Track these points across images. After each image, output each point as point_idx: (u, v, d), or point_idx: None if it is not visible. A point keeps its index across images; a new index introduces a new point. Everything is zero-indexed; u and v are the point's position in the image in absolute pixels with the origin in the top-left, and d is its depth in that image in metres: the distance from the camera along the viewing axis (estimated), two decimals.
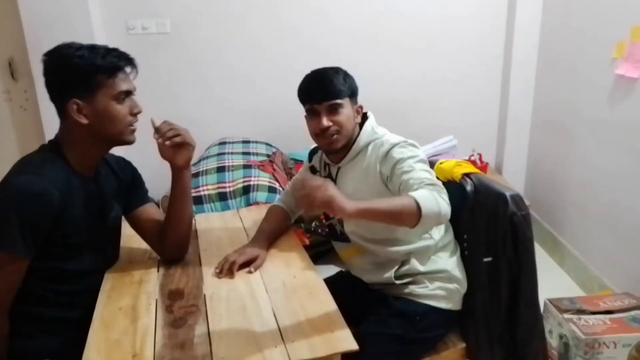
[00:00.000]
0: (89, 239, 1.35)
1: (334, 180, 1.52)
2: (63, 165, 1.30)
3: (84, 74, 1.26)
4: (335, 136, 1.44)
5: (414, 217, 1.18)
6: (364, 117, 1.53)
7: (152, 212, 1.54)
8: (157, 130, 1.37)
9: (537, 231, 1.50)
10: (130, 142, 1.39)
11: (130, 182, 1.51)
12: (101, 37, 2.60)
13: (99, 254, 1.41)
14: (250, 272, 1.41)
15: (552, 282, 2.51)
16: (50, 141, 1.36)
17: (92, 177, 1.38)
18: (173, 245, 1.47)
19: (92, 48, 1.30)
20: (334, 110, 1.43)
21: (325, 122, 1.42)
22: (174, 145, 1.36)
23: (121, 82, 1.30)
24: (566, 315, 1.96)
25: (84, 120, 1.28)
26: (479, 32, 3.00)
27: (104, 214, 1.41)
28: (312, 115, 1.46)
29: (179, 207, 1.45)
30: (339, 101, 1.42)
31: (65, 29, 2.49)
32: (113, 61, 1.29)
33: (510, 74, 3.00)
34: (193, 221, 1.61)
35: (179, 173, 1.42)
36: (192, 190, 2.41)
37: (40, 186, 1.22)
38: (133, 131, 1.36)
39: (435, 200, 1.21)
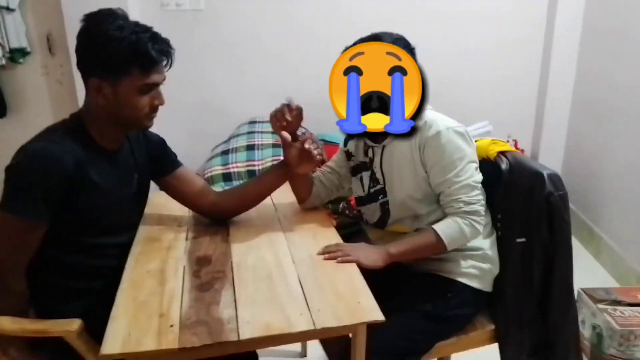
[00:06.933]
0: (110, 213, 1.35)
1: (380, 162, 1.47)
2: (83, 137, 1.29)
3: (117, 58, 1.20)
4: None
5: (439, 250, 1.37)
6: None
7: (188, 174, 1.53)
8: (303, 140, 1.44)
9: (572, 221, 1.45)
10: (145, 129, 1.38)
11: (151, 154, 1.48)
12: (135, 12, 2.62)
13: (121, 228, 1.41)
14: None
15: (587, 274, 2.43)
16: (74, 113, 1.35)
17: (115, 151, 1.36)
18: (233, 210, 1.54)
19: (136, 31, 1.21)
20: None
21: None
22: (304, 155, 1.43)
23: (152, 75, 1.25)
24: (600, 306, 1.90)
25: (101, 101, 1.25)
26: (517, 5, 2.89)
27: (123, 189, 1.40)
28: None
29: (265, 190, 1.54)
30: None
31: (102, 4, 2.52)
32: (153, 55, 1.23)
33: (550, 52, 2.89)
34: None
35: (291, 173, 1.50)
36: (221, 167, 2.45)
37: (53, 151, 1.21)
38: (150, 119, 1.33)
39: (460, 232, 1.35)
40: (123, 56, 1.21)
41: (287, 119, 1.43)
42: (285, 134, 1.43)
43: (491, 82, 3.00)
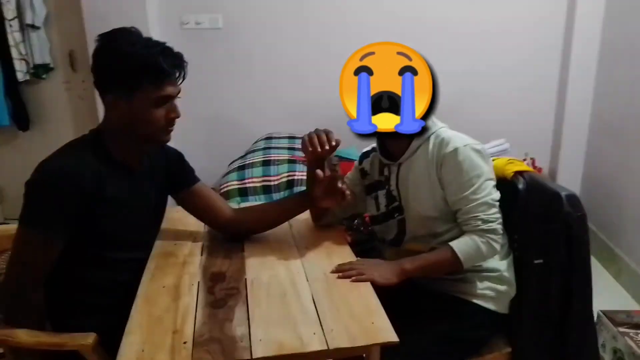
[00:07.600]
0: (127, 228, 1.36)
1: (396, 180, 1.46)
2: (101, 153, 1.30)
3: (130, 73, 1.22)
4: None
5: (455, 267, 1.35)
6: None
7: (205, 189, 1.54)
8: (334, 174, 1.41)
9: (592, 242, 1.43)
10: (163, 143, 1.38)
11: (169, 168, 1.49)
12: (156, 31, 2.68)
13: (138, 243, 1.42)
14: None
15: (607, 296, 2.37)
16: (93, 129, 1.36)
17: (134, 167, 1.37)
18: (248, 229, 1.54)
19: (147, 46, 1.24)
20: None
21: None
22: (331, 189, 1.40)
23: (166, 87, 1.26)
24: (621, 329, 1.85)
25: (118, 117, 1.27)
26: (535, 22, 2.89)
27: (141, 205, 1.41)
28: None
29: (283, 216, 1.56)
30: None
31: (123, 23, 2.57)
32: (164, 67, 1.23)
33: (568, 69, 2.87)
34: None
35: (312, 207, 1.54)
36: (237, 182, 2.46)
37: (71, 168, 1.23)
38: (168, 132, 1.34)
39: (476, 249, 1.33)
40: (135, 70, 1.22)
41: (324, 147, 1.37)
42: (319, 172, 1.38)
43: (508, 99, 2.99)
